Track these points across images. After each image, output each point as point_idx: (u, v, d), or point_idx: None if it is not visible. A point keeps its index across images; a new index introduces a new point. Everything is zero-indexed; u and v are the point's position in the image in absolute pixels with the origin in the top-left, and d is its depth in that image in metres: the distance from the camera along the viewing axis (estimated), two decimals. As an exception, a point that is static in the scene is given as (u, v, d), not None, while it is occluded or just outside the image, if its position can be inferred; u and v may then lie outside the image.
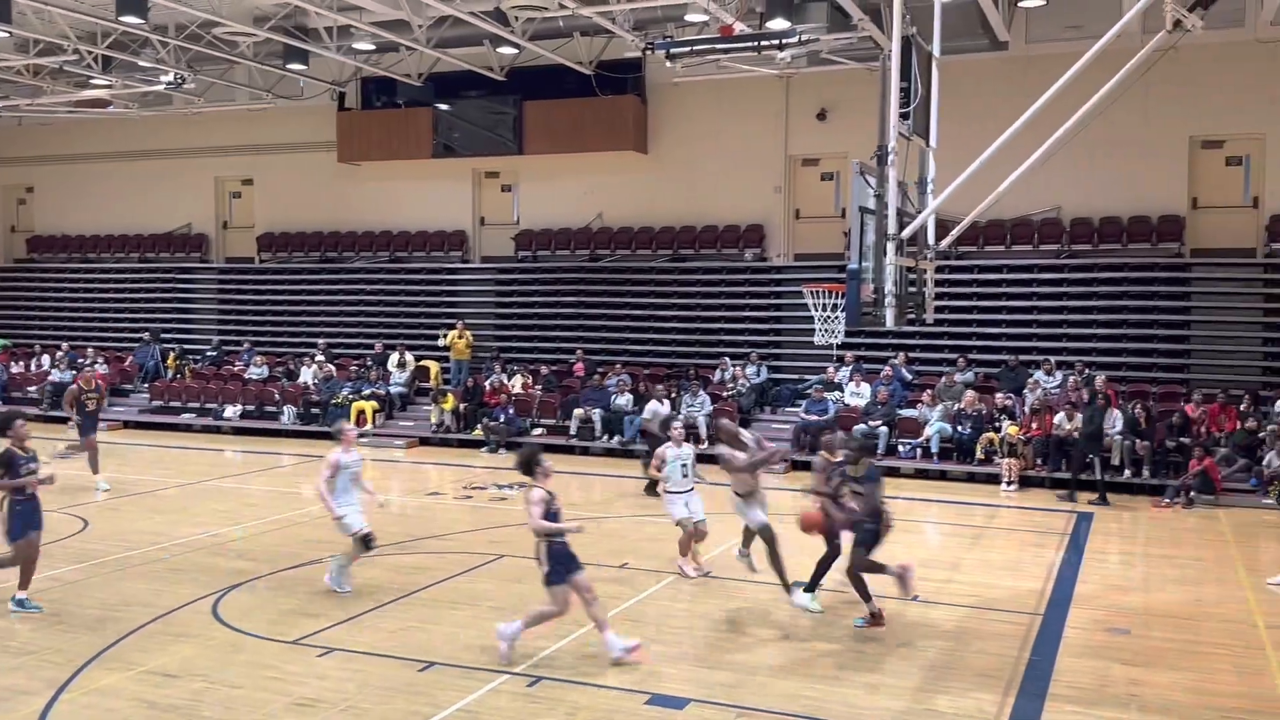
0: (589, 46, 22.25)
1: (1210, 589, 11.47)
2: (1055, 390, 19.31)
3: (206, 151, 28.25)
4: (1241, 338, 19.77)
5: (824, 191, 23.26)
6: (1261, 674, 8.83)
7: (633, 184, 24.24)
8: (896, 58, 10.05)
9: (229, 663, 8.88)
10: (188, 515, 14.93)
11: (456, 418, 22.43)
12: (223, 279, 28.39)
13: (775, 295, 22.72)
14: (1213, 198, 20.55)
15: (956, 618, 10.38)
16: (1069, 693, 8.35)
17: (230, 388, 24.93)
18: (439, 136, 25.16)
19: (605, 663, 8.86)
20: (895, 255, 9.91)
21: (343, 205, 27.03)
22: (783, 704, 8.06)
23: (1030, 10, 19.27)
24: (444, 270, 25.90)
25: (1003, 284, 21.04)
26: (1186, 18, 9.46)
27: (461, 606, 10.54)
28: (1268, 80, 19.39)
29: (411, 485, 18.28)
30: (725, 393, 21.29)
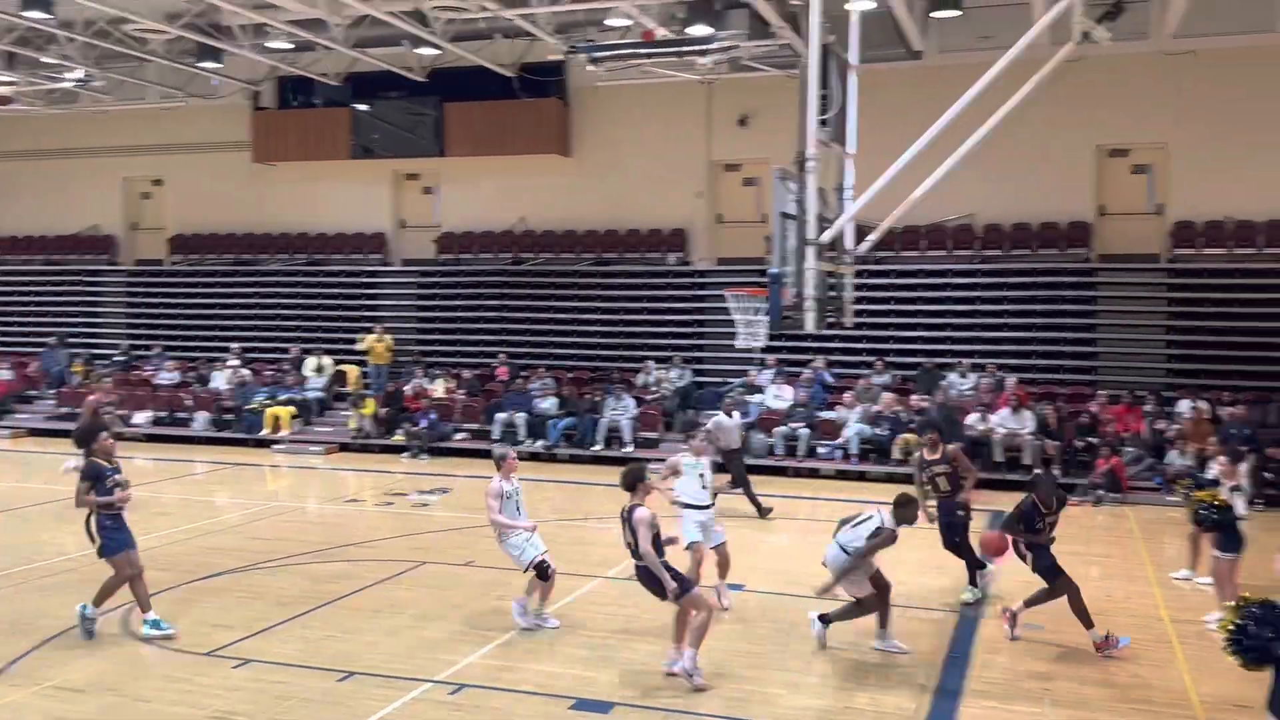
0: (511, 49, 22.14)
1: (1119, 585, 11.83)
2: (969, 392, 19.75)
3: (115, 151, 27.45)
4: (1146, 340, 20.42)
5: (746, 196, 23.47)
6: (1167, 667, 9.12)
7: (556, 187, 24.19)
8: (815, 66, 10.19)
9: (140, 676, 8.65)
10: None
11: (377, 423, 22.13)
12: (132, 282, 27.62)
13: (698, 299, 22.85)
14: (1119, 205, 21.22)
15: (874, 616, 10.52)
16: (985, 688, 8.54)
17: (140, 394, 24.27)
18: (357, 137, 24.81)
19: (527, 670, 8.82)
20: (815, 260, 10.05)
21: (258, 207, 26.50)
22: (705, 705, 8.11)
23: (944, 21, 19.67)
24: (363, 273, 25.54)
25: (918, 288, 21.45)
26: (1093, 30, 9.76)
27: (382, 615, 10.40)
28: (1171, 91, 20.07)
29: (330, 492, 18.00)
30: (649, 396, 21.35)
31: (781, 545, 13.68)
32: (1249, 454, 11.08)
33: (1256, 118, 19.62)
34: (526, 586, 10.10)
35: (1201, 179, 20.12)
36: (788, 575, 12.08)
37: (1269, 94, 19.58)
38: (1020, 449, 18.20)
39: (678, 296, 23.12)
